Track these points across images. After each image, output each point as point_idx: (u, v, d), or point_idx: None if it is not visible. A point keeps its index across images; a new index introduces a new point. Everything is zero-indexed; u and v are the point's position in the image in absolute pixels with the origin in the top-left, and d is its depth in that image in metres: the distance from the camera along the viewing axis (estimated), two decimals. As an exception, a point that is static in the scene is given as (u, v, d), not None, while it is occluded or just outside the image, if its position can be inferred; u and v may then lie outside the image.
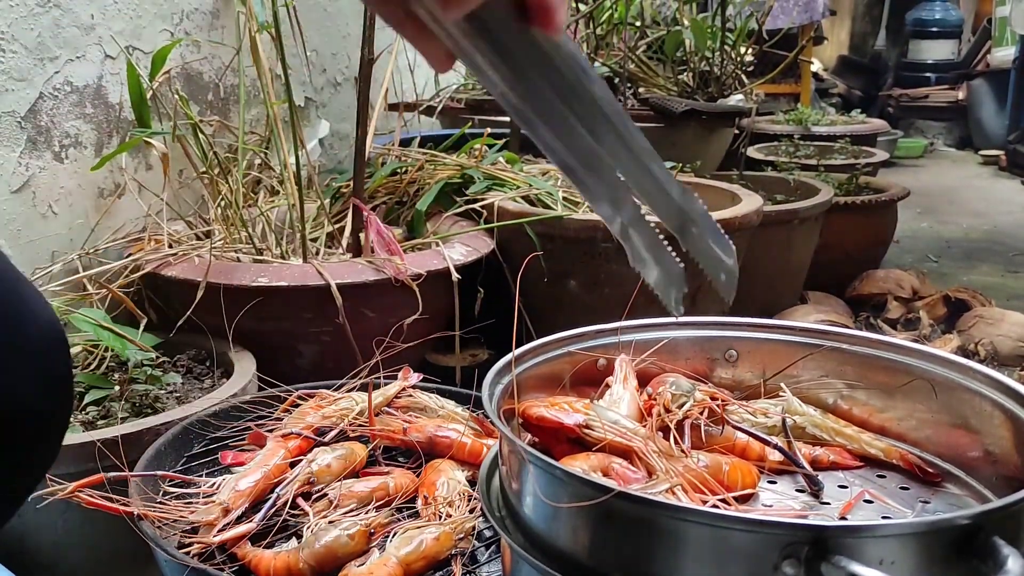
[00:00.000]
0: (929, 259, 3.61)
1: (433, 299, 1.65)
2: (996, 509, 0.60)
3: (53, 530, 1.32)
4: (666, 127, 3.12)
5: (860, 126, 4.32)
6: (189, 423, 1.25)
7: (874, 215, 2.83)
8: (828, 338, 0.91)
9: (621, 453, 0.73)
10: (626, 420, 0.74)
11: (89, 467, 1.21)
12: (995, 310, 2.41)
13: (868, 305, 2.67)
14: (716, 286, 0.67)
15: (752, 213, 1.92)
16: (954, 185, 5.33)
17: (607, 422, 0.73)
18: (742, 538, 0.58)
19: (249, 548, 1.01)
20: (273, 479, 1.11)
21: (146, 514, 1.02)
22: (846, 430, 0.87)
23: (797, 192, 2.69)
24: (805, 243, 2.52)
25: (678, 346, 0.94)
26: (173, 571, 1.01)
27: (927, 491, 0.80)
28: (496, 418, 0.72)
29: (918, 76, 7.23)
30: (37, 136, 1.67)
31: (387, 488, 1.12)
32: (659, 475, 0.69)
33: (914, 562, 0.55)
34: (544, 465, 0.65)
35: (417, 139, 2.27)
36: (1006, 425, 0.76)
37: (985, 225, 4.26)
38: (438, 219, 1.95)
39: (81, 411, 1.49)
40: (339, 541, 1.00)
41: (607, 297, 1.81)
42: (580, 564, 0.64)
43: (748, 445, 0.84)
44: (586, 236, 1.78)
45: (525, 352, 0.84)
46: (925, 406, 0.85)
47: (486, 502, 0.76)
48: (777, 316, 2.22)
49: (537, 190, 1.97)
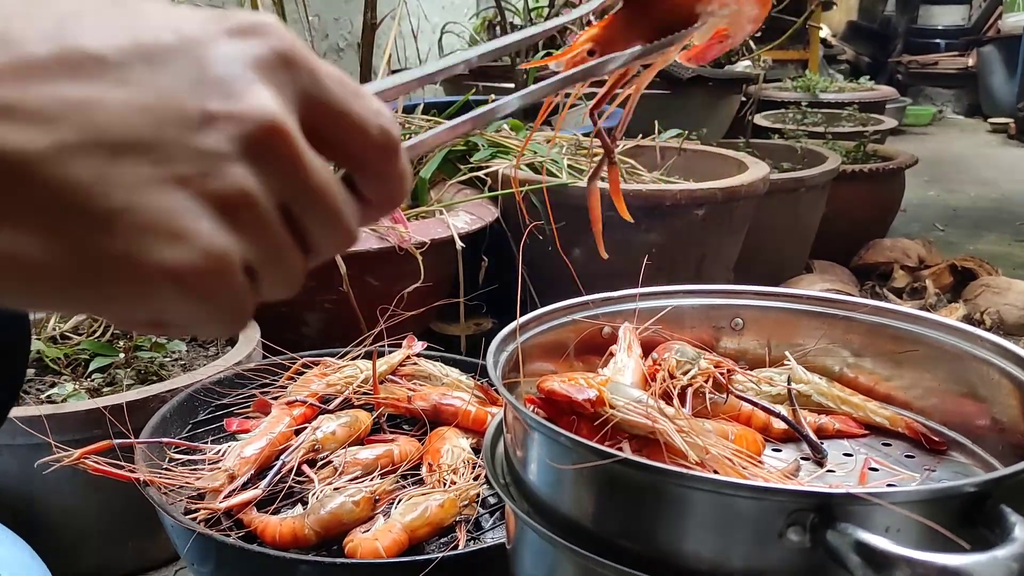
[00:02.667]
0: (936, 228, 3.59)
1: (437, 268, 1.64)
2: (1004, 477, 0.59)
3: (60, 496, 1.33)
4: (672, 93, 3.09)
5: (868, 93, 4.28)
6: (194, 390, 1.25)
7: (881, 183, 2.81)
8: (835, 306, 0.90)
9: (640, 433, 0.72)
10: (651, 399, 0.73)
11: (95, 434, 1.22)
12: (1001, 279, 2.40)
13: (874, 274, 2.66)
14: None
15: (758, 181, 1.91)
16: (962, 153, 5.29)
17: (630, 400, 0.72)
18: (747, 505, 0.58)
19: (255, 514, 1.02)
20: (278, 446, 1.11)
21: (152, 480, 1.03)
22: (851, 398, 0.86)
23: (804, 160, 2.67)
24: (811, 211, 2.51)
25: (683, 314, 0.93)
26: (180, 536, 1.01)
27: (933, 459, 0.80)
28: (500, 386, 0.71)
29: (928, 42, 7.16)
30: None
31: (392, 455, 1.12)
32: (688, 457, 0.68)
33: (921, 530, 0.55)
34: (549, 432, 0.65)
35: (420, 106, 2.25)
36: (1014, 394, 0.75)
37: (993, 193, 4.23)
38: (442, 187, 1.94)
39: (86, 378, 1.49)
40: (344, 508, 1.00)
41: (611, 265, 1.80)
42: (584, 530, 0.64)
43: (753, 413, 0.84)
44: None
45: (529, 320, 0.84)
46: (932, 374, 0.84)
47: (490, 469, 0.76)
48: (782, 285, 2.21)
49: (542, 158, 1.96)
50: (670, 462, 0.68)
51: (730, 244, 1.96)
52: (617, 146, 2.14)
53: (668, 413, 0.72)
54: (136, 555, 1.44)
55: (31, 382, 1.47)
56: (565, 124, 2.60)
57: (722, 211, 1.84)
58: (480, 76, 2.72)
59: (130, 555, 1.43)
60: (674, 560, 0.60)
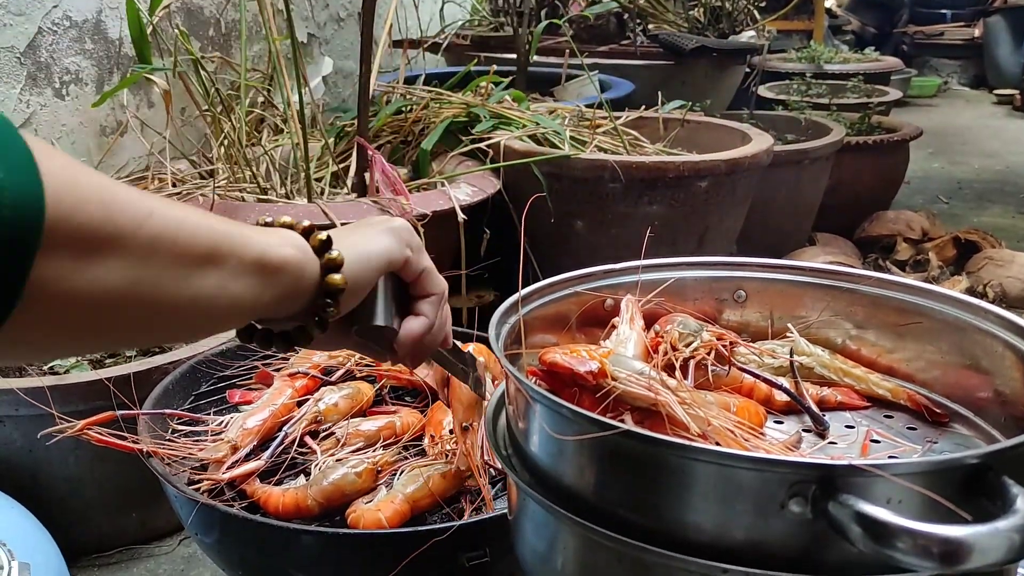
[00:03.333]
0: (940, 200, 3.57)
1: (439, 240, 1.64)
2: (1006, 449, 0.59)
3: (65, 467, 1.34)
4: (676, 65, 3.07)
5: (873, 64, 4.24)
6: (197, 362, 1.25)
7: (886, 155, 2.80)
8: (838, 278, 0.90)
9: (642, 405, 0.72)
10: (653, 371, 0.73)
11: (98, 405, 1.22)
12: (1005, 252, 2.39)
13: (877, 246, 2.65)
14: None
15: (762, 153, 1.90)
16: (967, 125, 5.25)
17: (632, 372, 0.72)
18: (749, 477, 0.58)
19: (258, 485, 1.02)
20: (280, 418, 1.11)
21: (155, 451, 1.03)
22: (854, 370, 0.86)
23: (808, 132, 2.65)
24: (815, 183, 2.50)
25: (686, 287, 0.93)
26: (184, 507, 1.02)
27: (934, 432, 0.80)
28: (503, 358, 0.71)
29: (933, 12, 7.08)
30: (37, 72, 1.65)
31: (394, 427, 1.12)
32: (690, 429, 0.68)
33: (922, 501, 0.55)
34: (551, 403, 0.65)
35: (422, 77, 2.24)
36: (1017, 366, 0.75)
37: (998, 165, 4.21)
38: (443, 159, 1.92)
39: (89, 350, 1.49)
40: (346, 479, 1.00)
41: (614, 237, 1.80)
42: (586, 502, 0.65)
43: (755, 385, 0.84)
44: (593, 176, 1.76)
45: (531, 292, 0.83)
46: (934, 347, 0.84)
47: (492, 441, 0.76)
48: (785, 257, 2.20)
49: (544, 129, 1.95)
50: (672, 434, 0.68)
51: (733, 216, 1.95)
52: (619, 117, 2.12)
53: (670, 385, 0.71)
54: (140, 526, 1.45)
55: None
56: (567, 95, 2.59)
57: (725, 183, 1.84)
58: (482, 46, 2.70)
59: (134, 525, 1.44)
60: (675, 531, 0.60)
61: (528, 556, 0.73)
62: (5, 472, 1.30)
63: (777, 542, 0.58)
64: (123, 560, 1.43)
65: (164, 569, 1.41)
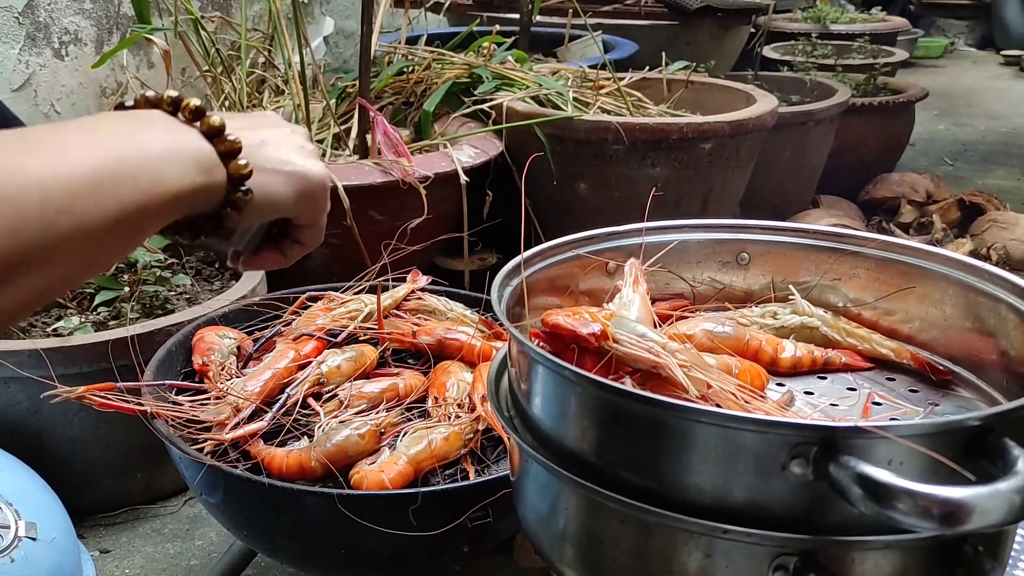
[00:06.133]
0: (945, 162, 3.55)
1: (441, 202, 1.63)
2: (1007, 411, 0.59)
3: (70, 428, 1.35)
4: (680, 25, 3.03)
5: (880, 24, 4.19)
6: (199, 324, 1.26)
7: (891, 117, 2.77)
8: (842, 240, 0.90)
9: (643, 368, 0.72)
10: (654, 334, 0.73)
11: (102, 367, 1.23)
12: (1009, 214, 2.38)
13: (881, 209, 2.64)
14: None
15: (766, 114, 1.88)
16: (973, 86, 5.20)
17: (633, 335, 0.71)
18: (750, 438, 0.58)
19: (262, 446, 1.03)
20: (283, 380, 1.12)
21: (159, 413, 1.04)
22: (857, 331, 0.86)
23: (813, 93, 2.63)
24: (819, 145, 2.48)
25: (689, 249, 0.93)
26: (188, 468, 1.02)
27: (936, 394, 0.80)
28: (505, 320, 0.71)
29: (941, -28, 6.96)
30: (36, 32, 1.63)
31: (397, 389, 1.13)
32: (689, 392, 0.68)
33: (923, 463, 0.55)
34: (553, 365, 0.65)
35: (424, 37, 2.21)
36: (1020, 328, 0.75)
37: (1003, 127, 4.18)
38: (446, 120, 1.91)
39: (92, 311, 1.50)
40: (350, 440, 1.01)
41: (617, 200, 1.79)
42: (587, 463, 0.65)
43: (760, 348, 0.84)
44: (596, 138, 1.75)
45: (534, 255, 0.83)
46: (938, 309, 0.84)
47: (495, 402, 0.77)
48: (789, 220, 2.20)
49: (547, 90, 1.93)
50: (673, 396, 0.68)
51: (737, 178, 1.94)
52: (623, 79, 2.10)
53: (671, 348, 0.71)
54: (145, 486, 1.46)
55: (37, 315, 1.48)
56: (570, 56, 2.56)
57: (729, 145, 1.82)
58: (484, 6, 2.67)
59: (139, 486, 1.46)
60: (677, 492, 0.61)
61: (530, 517, 0.74)
62: (11, 433, 1.31)
63: (778, 503, 0.59)
64: (128, 520, 1.44)
65: (170, 529, 1.43)
